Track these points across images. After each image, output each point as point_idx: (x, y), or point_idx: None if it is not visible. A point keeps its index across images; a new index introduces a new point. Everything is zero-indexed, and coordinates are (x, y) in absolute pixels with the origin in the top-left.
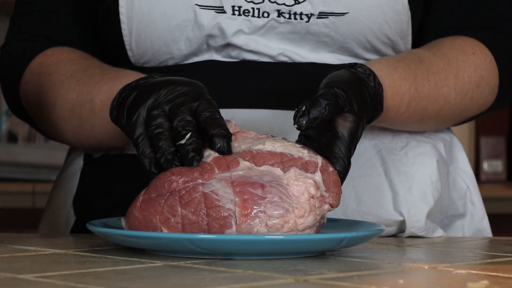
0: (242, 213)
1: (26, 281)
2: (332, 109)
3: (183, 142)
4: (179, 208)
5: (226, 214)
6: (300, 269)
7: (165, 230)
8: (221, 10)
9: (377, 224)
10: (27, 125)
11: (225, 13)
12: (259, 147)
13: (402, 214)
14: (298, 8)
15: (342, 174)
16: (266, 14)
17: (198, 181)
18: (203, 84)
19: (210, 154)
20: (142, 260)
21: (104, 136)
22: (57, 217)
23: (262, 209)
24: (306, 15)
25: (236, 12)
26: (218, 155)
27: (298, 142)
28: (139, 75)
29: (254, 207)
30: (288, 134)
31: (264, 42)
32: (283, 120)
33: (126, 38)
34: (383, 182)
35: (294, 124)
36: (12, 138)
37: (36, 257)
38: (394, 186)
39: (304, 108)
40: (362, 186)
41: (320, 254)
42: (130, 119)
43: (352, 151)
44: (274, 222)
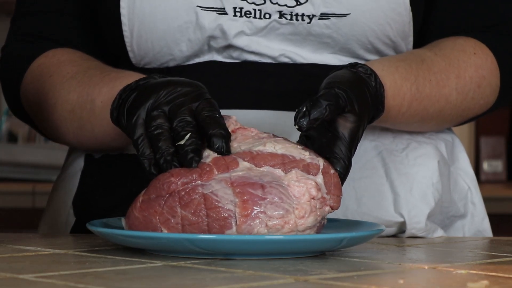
0: (242, 213)
1: (26, 281)
2: (332, 109)
3: (182, 142)
4: (179, 209)
5: (226, 215)
6: (300, 269)
7: (165, 231)
8: (222, 11)
9: (377, 224)
10: (27, 125)
11: (226, 14)
12: (260, 148)
13: (402, 216)
14: (299, 9)
15: (343, 174)
16: (267, 16)
17: (197, 182)
18: (205, 85)
19: (209, 155)
20: (142, 260)
21: (104, 137)
22: (57, 217)
23: (262, 209)
24: (308, 16)
25: (237, 13)
26: (217, 156)
27: (299, 142)
28: (139, 76)
29: (254, 208)
30: (289, 135)
31: (265, 43)
32: (284, 121)
33: (127, 39)
34: (384, 184)
35: (295, 125)
36: (12, 138)
37: (36, 257)
38: (395, 187)
39: (304, 109)
40: (362, 188)
41: (320, 254)
42: (130, 120)
43: (352, 152)
44: (274, 222)
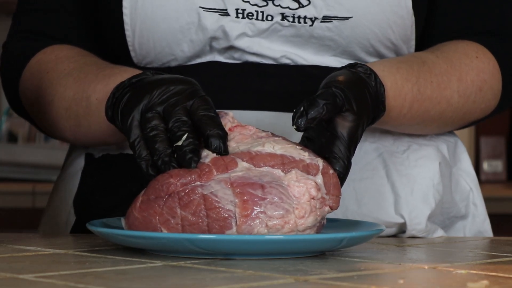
0: (242, 214)
1: (26, 281)
2: (330, 109)
3: (180, 143)
4: (179, 209)
5: (226, 215)
6: (300, 269)
7: (165, 231)
8: (224, 12)
9: (377, 224)
10: (27, 125)
11: (228, 16)
12: (258, 149)
13: (403, 217)
14: (302, 11)
15: (342, 174)
16: (270, 18)
17: (196, 183)
18: (206, 85)
19: (208, 155)
20: (142, 260)
21: (101, 133)
22: (57, 217)
23: (262, 209)
24: (310, 19)
25: (240, 15)
26: (216, 156)
27: (299, 143)
28: (133, 72)
29: (254, 208)
30: (289, 136)
31: (267, 44)
32: (285, 121)
33: (129, 39)
34: (385, 185)
35: (292, 125)
36: (12, 138)
37: (36, 257)
38: (396, 188)
39: (302, 108)
40: (362, 189)
41: (320, 254)
42: (124, 123)
43: (352, 151)
44: (274, 222)
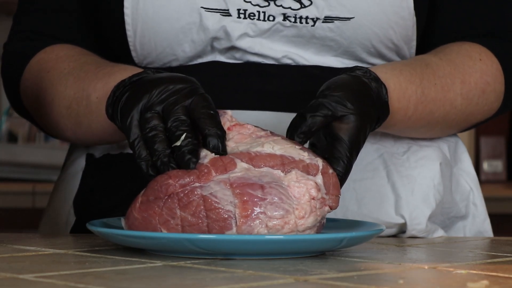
0: (242, 214)
1: (26, 281)
2: (318, 120)
3: (178, 144)
4: (178, 210)
5: (226, 216)
6: (300, 269)
7: (164, 231)
8: (226, 13)
9: (377, 224)
10: (27, 125)
11: (230, 16)
12: (258, 149)
13: (403, 217)
14: (304, 12)
15: (342, 174)
16: (271, 18)
17: (195, 184)
18: (207, 85)
19: (207, 155)
20: (142, 260)
21: (102, 132)
22: (57, 217)
23: (262, 210)
24: (312, 19)
25: (241, 15)
26: (215, 156)
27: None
28: (133, 71)
29: (254, 208)
30: None
31: (268, 44)
32: (286, 122)
33: (130, 39)
34: (385, 185)
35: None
36: (12, 138)
37: (36, 257)
38: (396, 189)
39: (294, 124)
40: (363, 189)
41: (320, 254)
42: (124, 123)
43: (354, 153)
44: (274, 223)
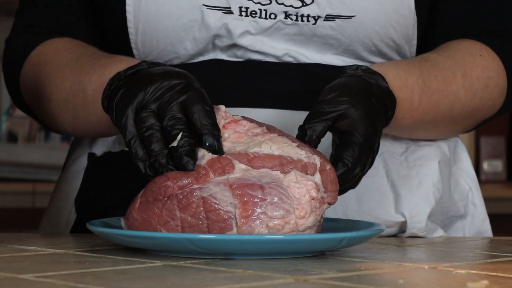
0: (243, 215)
1: (26, 281)
2: (318, 128)
3: (175, 144)
4: (178, 212)
5: (226, 216)
6: (300, 269)
7: (164, 232)
8: (228, 10)
9: (377, 224)
10: (27, 125)
11: (232, 13)
12: (256, 150)
13: (403, 215)
14: (305, 10)
15: (350, 163)
16: (273, 16)
17: (194, 186)
18: (208, 83)
19: (205, 155)
20: (142, 260)
21: (100, 124)
22: (59, 216)
23: (262, 210)
24: (313, 18)
25: (243, 13)
26: (213, 157)
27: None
28: (128, 62)
29: (255, 209)
30: (291, 133)
31: (269, 42)
32: (287, 119)
33: (132, 37)
34: (385, 184)
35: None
36: (12, 138)
37: (36, 257)
38: (396, 187)
39: (299, 138)
40: (363, 187)
41: (320, 254)
42: (119, 121)
43: (366, 142)
44: (275, 223)
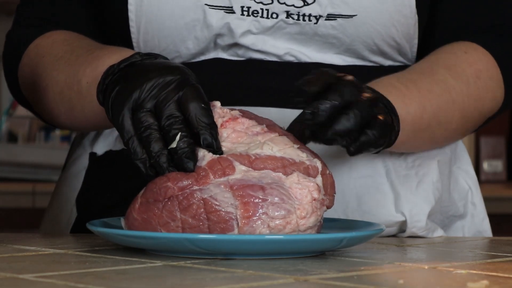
0: (244, 215)
1: (26, 281)
2: (312, 123)
3: (174, 145)
4: (179, 213)
5: (227, 218)
6: (300, 269)
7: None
8: (230, 10)
9: (377, 224)
10: (27, 125)
11: (234, 13)
12: (257, 152)
13: (403, 214)
14: (307, 9)
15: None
16: (275, 15)
17: (194, 187)
18: (210, 82)
19: (205, 155)
20: (142, 260)
21: (95, 117)
22: (60, 215)
23: (264, 211)
24: (315, 17)
25: (245, 12)
26: (213, 158)
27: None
28: (122, 54)
29: (256, 209)
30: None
31: (271, 42)
32: (288, 118)
33: (133, 36)
34: (385, 183)
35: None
36: (12, 138)
37: (36, 257)
38: (396, 186)
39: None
40: (363, 186)
41: (320, 254)
42: (115, 120)
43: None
44: (276, 223)
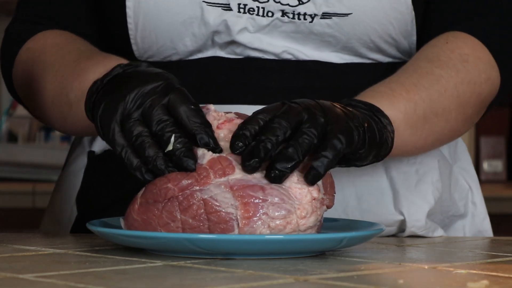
0: (244, 216)
1: (26, 281)
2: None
3: (171, 147)
4: (179, 214)
5: (228, 218)
6: (300, 269)
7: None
8: (227, 7)
9: (376, 224)
10: (27, 125)
11: (231, 10)
12: None
13: (402, 213)
14: (302, 8)
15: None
16: (270, 14)
17: (195, 187)
18: (207, 80)
19: (205, 154)
20: (142, 260)
21: (88, 127)
22: (59, 215)
23: (264, 211)
24: (310, 16)
25: (241, 10)
26: (213, 157)
27: None
28: (107, 66)
29: (256, 210)
30: None
31: (268, 40)
32: None
33: (131, 32)
34: (384, 181)
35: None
36: (12, 138)
37: (36, 257)
38: (395, 184)
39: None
40: (363, 184)
41: (320, 254)
42: (106, 136)
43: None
44: (276, 223)
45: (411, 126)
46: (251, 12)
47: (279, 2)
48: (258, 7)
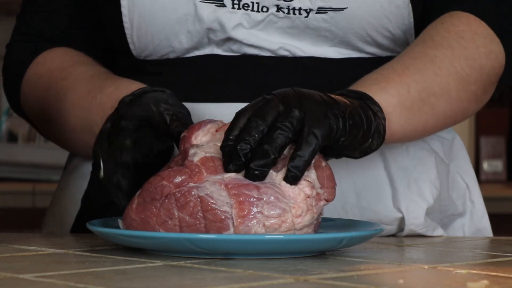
0: (239, 214)
1: (26, 281)
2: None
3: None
4: (176, 211)
5: (223, 216)
6: (300, 269)
7: (162, 232)
8: (221, 3)
9: (376, 224)
10: (27, 125)
11: (225, 6)
12: None
13: (401, 211)
14: (296, 3)
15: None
16: (265, 9)
17: (190, 184)
18: (204, 78)
19: (197, 152)
20: (142, 260)
21: None
22: (65, 215)
23: (259, 210)
24: (305, 11)
25: (235, 6)
26: (206, 156)
27: None
28: (104, 107)
29: (251, 208)
30: None
31: (263, 36)
32: None
33: (127, 31)
34: (383, 177)
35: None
36: (12, 138)
37: (36, 257)
38: (393, 181)
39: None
40: (361, 181)
41: (320, 254)
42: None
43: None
44: (271, 222)
45: (408, 109)
46: (246, 7)
47: None
48: (252, 3)
